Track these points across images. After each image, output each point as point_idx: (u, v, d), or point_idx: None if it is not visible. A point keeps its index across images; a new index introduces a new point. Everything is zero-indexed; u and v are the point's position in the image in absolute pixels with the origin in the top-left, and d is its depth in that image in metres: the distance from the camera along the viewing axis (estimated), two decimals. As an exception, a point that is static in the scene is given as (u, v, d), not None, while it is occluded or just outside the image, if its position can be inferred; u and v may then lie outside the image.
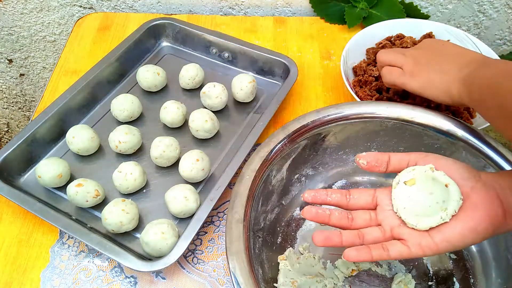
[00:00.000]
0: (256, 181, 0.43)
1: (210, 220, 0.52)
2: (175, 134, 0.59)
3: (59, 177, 0.51)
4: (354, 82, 0.62)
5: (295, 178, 0.51)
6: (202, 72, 0.64)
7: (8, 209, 0.52)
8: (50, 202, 0.51)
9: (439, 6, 0.77)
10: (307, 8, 0.81)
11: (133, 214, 0.48)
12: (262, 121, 0.56)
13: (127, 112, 0.58)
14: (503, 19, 0.76)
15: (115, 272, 0.48)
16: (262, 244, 0.45)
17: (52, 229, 0.51)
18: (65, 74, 0.68)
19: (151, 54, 0.71)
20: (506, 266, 0.43)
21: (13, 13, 0.84)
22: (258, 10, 0.82)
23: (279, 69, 0.65)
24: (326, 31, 0.76)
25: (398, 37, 0.65)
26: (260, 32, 0.76)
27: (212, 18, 0.78)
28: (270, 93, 0.65)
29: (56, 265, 0.48)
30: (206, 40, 0.69)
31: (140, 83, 0.63)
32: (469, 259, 0.47)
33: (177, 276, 0.48)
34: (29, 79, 1.00)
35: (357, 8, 0.75)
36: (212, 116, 0.57)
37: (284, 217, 0.50)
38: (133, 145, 0.55)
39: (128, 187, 0.51)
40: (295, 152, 0.48)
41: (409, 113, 0.48)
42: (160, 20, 0.70)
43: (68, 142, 0.54)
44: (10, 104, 1.05)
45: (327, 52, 0.72)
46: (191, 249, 0.50)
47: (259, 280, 0.38)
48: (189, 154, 0.52)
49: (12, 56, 0.93)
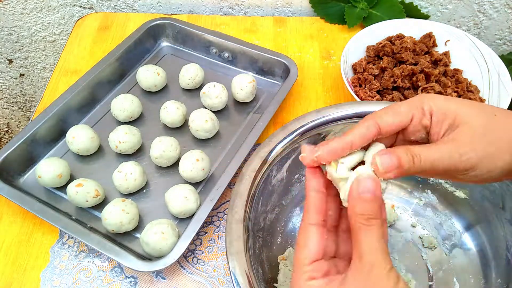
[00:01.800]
0: (256, 181, 0.43)
1: (210, 220, 0.52)
2: (175, 134, 0.59)
3: (59, 177, 0.51)
4: (353, 79, 0.62)
5: (295, 178, 0.51)
6: (202, 72, 0.64)
7: (8, 209, 0.52)
8: (50, 202, 0.51)
9: (439, 6, 0.77)
10: (307, 8, 0.81)
11: (133, 214, 0.48)
12: (262, 121, 0.56)
13: (127, 112, 0.58)
14: (503, 19, 0.75)
15: (115, 272, 0.48)
16: (262, 244, 0.45)
17: (52, 229, 0.51)
18: (65, 74, 0.68)
19: (151, 54, 0.71)
20: (506, 266, 0.43)
21: (13, 13, 0.84)
22: (258, 10, 0.82)
23: (279, 69, 0.65)
24: (326, 31, 0.76)
25: (398, 37, 0.65)
26: (260, 32, 0.76)
27: (212, 18, 0.78)
28: (270, 93, 0.65)
29: (56, 265, 0.48)
30: (206, 40, 0.69)
31: (140, 83, 0.63)
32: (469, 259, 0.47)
33: (177, 276, 0.48)
34: (29, 79, 1.00)
35: (357, 8, 0.75)
36: (212, 116, 0.57)
37: (284, 217, 0.50)
38: (133, 145, 0.55)
39: (128, 187, 0.51)
40: (295, 152, 0.48)
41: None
42: (160, 20, 0.70)
43: (68, 142, 0.54)
44: (10, 104, 1.05)
45: (327, 52, 0.72)
46: (191, 249, 0.50)
47: (259, 280, 0.38)
48: (189, 154, 0.52)
49: (12, 56, 0.93)
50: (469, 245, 0.48)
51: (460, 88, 0.59)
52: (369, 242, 0.26)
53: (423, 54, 0.64)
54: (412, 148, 0.28)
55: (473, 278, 0.46)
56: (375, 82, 0.60)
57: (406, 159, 0.28)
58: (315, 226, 0.29)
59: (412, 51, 0.63)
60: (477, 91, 0.60)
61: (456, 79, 0.61)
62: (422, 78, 0.59)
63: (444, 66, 0.63)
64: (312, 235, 0.29)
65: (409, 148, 0.28)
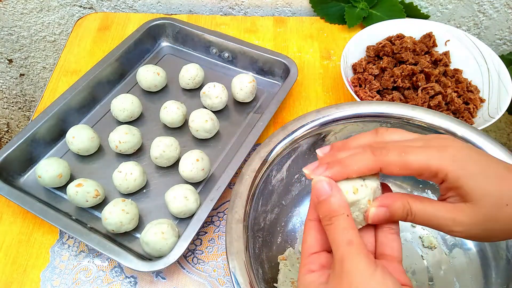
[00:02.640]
0: (256, 181, 0.43)
1: (210, 220, 0.52)
2: (175, 134, 0.59)
3: (59, 177, 0.51)
4: (353, 79, 0.62)
5: (295, 178, 0.51)
6: (202, 72, 0.64)
7: (8, 209, 0.52)
8: (50, 202, 0.51)
9: (439, 6, 0.77)
10: (307, 8, 0.81)
11: (133, 214, 0.48)
12: (262, 121, 0.56)
13: (127, 112, 0.58)
14: (503, 19, 0.75)
15: (115, 272, 0.48)
16: (262, 244, 0.45)
17: (52, 229, 0.51)
18: (65, 74, 0.68)
19: (151, 54, 0.71)
20: (506, 266, 0.43)
21: (13, 13, 0.84)
22: (258, 10, 0.82)
23: (279, 69, 0.65)
24: (326, 31, 0.76)
25: (398, 37, 0.65)
26: (260, 32, 0.76)
27: (212, 18, 0.78)
28: (270, 93, 0.65)
29: (56, 265, 0.48)
30: (206, 40, 0.69)
31: (140, 83, 0.63)
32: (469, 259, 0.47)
33: (177, 276, 0.48)
34: (29, 79, 1.00)
35: (357, 8, 0.75)
36: (212, 116, 0.57)
37: (284, 217, 0.50)
38: (133, 145, 0.55)
39: (128, 187, 0.51)
40: (295, 152, 0.48)
41: (409, 113, 0.48)
42: (160, 20, 0.70)
43: (68, 142, 0.54)
44: (10, 104, 1.05)
45: (327, 52, 0.72)
46: (191, 249, 0.50)
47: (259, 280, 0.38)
48: (189, 154, 0.52)
49: (12, 56, 0.93)
50: (469, 245, 0.48)
51: (460, 88, 0.59)
52: (335, 239, 0.27)
53: (423, 54, 0.64)
54: (411, 203, 0.29)
55: (473, 278, 0.46)
56: (375, 82, 0.60)
57: (400, 214, 0.29)
58: (313, 221, 0.30)
59: (412, 51, 0.63)
60: (477, 91, 0.60)
61: (456, 79, 0.61)
62: (422, 78, 0.59)
63: (444, 66, 0.63)
64: (310, 230, 0.30)
65: (408, 203, 0.29)
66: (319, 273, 0.28)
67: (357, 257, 0.26)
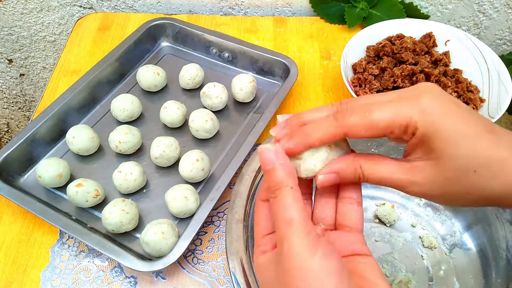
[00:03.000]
0: (256, 181, 0.43)
1: (210, 220, 0.52)
2: (175, 134, 0.59)
3: (59, 177, 0.51)
4: (353, 79, 0.62)
5: (295, 178, 0.51)
6: (202, 72, 0.64)
7: (8, 209, 0.52)
8: (50, 202, 0.51)
9: (439, 6, 0.77)
10: (307, 8, 0.81)
11: (133, 214, 0.48)
12: (262, 121, 0.56)
13: (127, 112, 0.58)
14: (503, 19, 0.75)
15: (115, 272, 0.48)
16: (262, 244, 0.45)
17: (52, 229, 0.51)
18: (65, 74, 0.68)
19: (151, 54, 0.71)
20: (506, 266, 0.43)
21: (13, 13, 0.84)
22: (258, 10, 0.82)
23: (279, 69, 0.65)
24: (326, 31, 0.76)
25: (398, 37, 0.65)
26: (260, 32, 0.76)
27: (212, 18, 0.78)
28: (270, 93, 0.65)
29: (56, 265, 0.48)
30: (206, 40, 0.69)
31: (140, 83, 0.63)
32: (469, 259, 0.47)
33: (177, 276, 0.48)
34: (29, 79, 1.00)
35: (357, 8, 0.75)
36: (212, 116, 0.57)
37: (284, 217, 0.50)
38: (133, 145, 0.55)
39: (128, 187, 0.51)
40: (295, 152, 0.48)
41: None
42: (160, 20, 0.70)
43: (68, 142, 0.54)
44: (10, 104, 1.05)
45: (327, 52, 0.72)
46: (191, 249, 0.50)
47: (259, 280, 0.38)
48: (189, 154, 0.52)
49: (12, 56, 0.93)
50: (469, 245, 0.48)
51: (460, 88, 0.59)
52: (276, 218, 0.25)
53: (423, 54, 0.64)
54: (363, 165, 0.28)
55: (473, 278, 0.46)
56: (375, 82, 0.60)
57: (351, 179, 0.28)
58: (264, 202, 0.29)
59: (412, 51, 0.63)
60: (477, 91, 0.60)
61: (456, 79, 0.61)
62: (422, 78, 0.59)
63: (444, 66, 0.63)
64: (261, 210, 0.29)
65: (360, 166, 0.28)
66: (271, 253, 0.27)
67: (296, 238, 0.24)
